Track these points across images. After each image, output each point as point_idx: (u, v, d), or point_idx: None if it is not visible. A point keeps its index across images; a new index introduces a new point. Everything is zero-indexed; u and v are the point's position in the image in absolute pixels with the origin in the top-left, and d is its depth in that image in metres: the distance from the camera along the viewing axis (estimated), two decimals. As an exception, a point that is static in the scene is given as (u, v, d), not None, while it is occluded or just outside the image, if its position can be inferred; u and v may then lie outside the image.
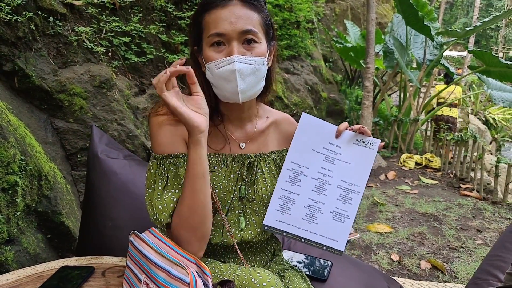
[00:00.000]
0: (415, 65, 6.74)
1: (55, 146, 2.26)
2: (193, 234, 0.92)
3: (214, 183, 1.02)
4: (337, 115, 6.82)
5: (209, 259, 1.05)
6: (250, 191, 1.06)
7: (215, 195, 1.01)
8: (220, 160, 1.04)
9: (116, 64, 2.76)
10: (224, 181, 1.03)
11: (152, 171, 0.99)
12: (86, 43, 2.55)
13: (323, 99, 6.40)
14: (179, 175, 0.96)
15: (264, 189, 1.07)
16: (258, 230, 1.07)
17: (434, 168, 5.52)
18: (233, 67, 0.91)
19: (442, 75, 6.97)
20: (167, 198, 0.95)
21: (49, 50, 2.34)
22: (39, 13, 2.28)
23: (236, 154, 1.06)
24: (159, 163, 0.98)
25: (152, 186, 0.98)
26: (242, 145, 1.08)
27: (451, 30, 6.04)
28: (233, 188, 1.04)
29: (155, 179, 0.97)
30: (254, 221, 1.07)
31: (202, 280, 0.82)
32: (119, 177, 1.47)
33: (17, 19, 2.07)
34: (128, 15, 2.97)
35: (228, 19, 0.92)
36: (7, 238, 1.48)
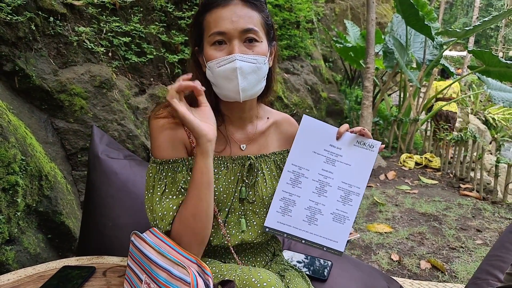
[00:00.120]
0: (414, 65, 6.75)
1: (55, 146, 2.26)
2: (194, 239, 0.93)
3: (214, 185, 1.01)
4: (337, 115, 6.82)
5: (210, 259, 1.05)
6: (250, 192, 1.06)
7: (215, 197, 1.01)
8: (220, 162, 1.04)
9: (116, 64, 2.77)
10: (225, 183, 1.03)
11: (151, 175, 0.99)
12: (86, 43, 2.55)
13: (323, 99, 6.40)
14: (177, 180, 0.97)
15: (264, 190, 1.07)
16: (259, 231, 1.07)
17: (434, 168, 5.52)
18: (234, 65, 0.91)
19: (438, 76, 6.97)
20: (166, 205, 0.95)
21: (49, 50, 2.35)
22: (40, 13, 2.28)
23: (236, 156, 1.06)
24: (158, 167, 0.98)
25: (151, 190, 0.99)
26: (243, 147, 1.08)
27: (451, 30, 6.03)
28: (233, 190, 1.04)
29: (153, 183, 0.98)
30: (255, 222, 1.07)
31: (203, 280, 0.82)
32: (119, 177, 1.47)
33: (17, 19, 2.07)
34: (128, 15, 2.97)
35: (229, 18, 0.92)
36: (8, 238, 1.48)
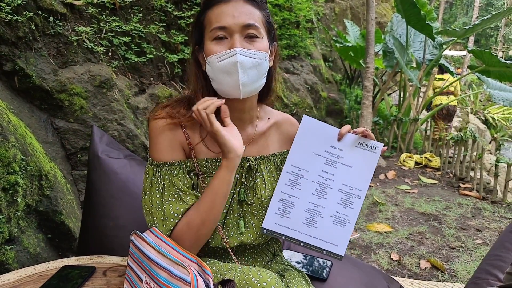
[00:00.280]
0: (414, 65, 6.74)
1: (55, 145, 2.26)
2: (195, 244, 0.96)
3: None
4: (336, 114, 6.82)
5: (210, 259, 1.05)
6: (249, 194, 1.06)
7: None
8: (217, 164, 1.03)
9: (116, 64, 2.76)
10: None
11: (148, 176, 1.00)
12: (86, 43, 2.55)
13: (323, 98, 6.40)
14: (175, 183, 0.97)
15: (263, 192, 1.06)
16: (258, 233, 1.07)
17: (433, 168, 5.52)
18: (235, 59, 0.91)
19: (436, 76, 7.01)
20: (167, 209, 0.96)
21: (49, 50, 2.35)
22: (40, 13, 2.28)
23: None
24: (155, 169, 0.99)
25: (147, 192, 0.99)
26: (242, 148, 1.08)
27: (450, 29, 6.03)
28: (232, 191, 1.04)
29: (151, 185, 0.99)
30: (254, 224, 1.07)
31: (203, 279, 0.82)
32: (119, 177, 1.47)
33: (17, 19, 2.07)
34: (128, 15, 2.97)
35: (231, 13, 0.93)
36: (8, 238, 1.48)
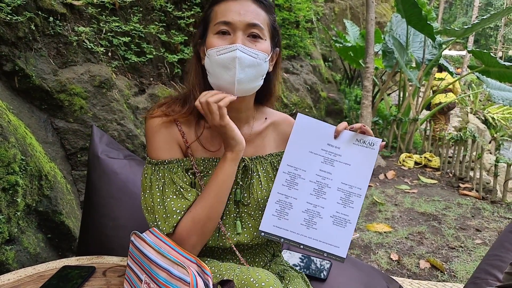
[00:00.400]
0: (414, 65, 6.75)
1: (55, 146, 2.27)
2: (201, 240, 0.96)
3: None
4: (336, 114, 6.82)
5: (208, 259, 1.05)
6: (245, 194, 1.06)
7: None
8: (214, 164, 1.03)
9: (116, 64, 2.77)
10: None
11: (146, 175, 1.00)
12: (86, 43, 2.55)
13: (323, 98, 6.40)
14: (175, 181, 0.97)
15: (259, 193, 1.06)
16: (254, 234, 1.07)
17: (433, 168, 5.52)
18: (234, 55, 0.90)
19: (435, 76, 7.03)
20: (168, 207, 0.95)
21: (49, 50, 2.35)
22: (39, 13, 2.28)
23: None
24: (153, 168, 0.99)
25: (147, 191, 0.99)
26: None
27: (450, 29, 6.03)
28: None
29: (150, 184, 0.99)
30: (250, 225, 1.07)
31: (202, 279, 0.82)
32: (119, 177, 1.47)
33: (17, 19, 2.07)
34: (128, 15, 2.97)
35: (238, 10, 0.93)
36: (8, 238, 1.49)
